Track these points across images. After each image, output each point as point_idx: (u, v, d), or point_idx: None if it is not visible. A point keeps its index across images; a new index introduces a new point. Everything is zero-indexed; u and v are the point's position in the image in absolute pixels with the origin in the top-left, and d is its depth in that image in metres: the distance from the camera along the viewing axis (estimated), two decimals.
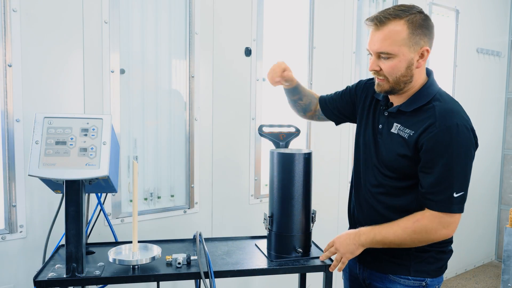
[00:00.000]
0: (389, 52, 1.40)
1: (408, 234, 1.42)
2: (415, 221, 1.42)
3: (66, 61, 1.91)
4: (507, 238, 2.87)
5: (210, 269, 1.46)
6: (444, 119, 1.38)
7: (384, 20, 1.40)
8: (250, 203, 2.59)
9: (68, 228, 1.38)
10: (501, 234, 4.46)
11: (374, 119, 1.59)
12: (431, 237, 1.42)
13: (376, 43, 1.42)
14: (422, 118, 1.43)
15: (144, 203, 2.23)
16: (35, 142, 1.36)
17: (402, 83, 1.45)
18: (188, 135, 2.32)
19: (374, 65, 1.46)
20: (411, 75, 1.44)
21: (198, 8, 2.28)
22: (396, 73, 1.43)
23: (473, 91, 4.04)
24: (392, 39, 1.39)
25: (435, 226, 1.40)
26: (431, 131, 1.38)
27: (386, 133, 1.52)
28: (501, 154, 4.47)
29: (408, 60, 1.42)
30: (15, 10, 1.75)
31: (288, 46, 2.75)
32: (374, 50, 1.43)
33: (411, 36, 1.40)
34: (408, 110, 1.47)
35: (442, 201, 1.39)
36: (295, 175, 1.60)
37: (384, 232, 1.45)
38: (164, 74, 2.25)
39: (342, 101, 1.77)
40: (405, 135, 1.45)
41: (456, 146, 1.37)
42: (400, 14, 1.40)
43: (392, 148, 1.48)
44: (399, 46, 1.40)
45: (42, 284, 1.36)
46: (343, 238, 1.52)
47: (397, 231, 1.43)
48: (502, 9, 4.29)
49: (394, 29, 1.39)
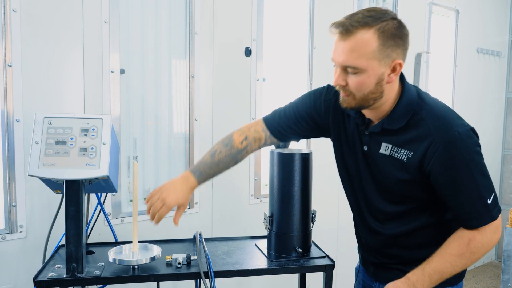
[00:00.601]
0: (356, 66, 1.21)
1: (467, 258, 1.28)
2: (468, 243, 1.28)
3: (66, 61, 1.91)
4: (507, 238, 2.87)
5: (210, 269, 1.46)
6: (443, 132, 1.23)
7: (351, 28, 1.20)
8: (250, 203, 2.59)
9: (68, 228, 1.38)
10: (501, 234, 4.46)
11: (354, 139, 1.40)
12: (489, 248, 1.30)
13: (342, 54, 1.23)
14: (415, 135, 1.27)
15: (144, 203, 2.22)
16: (35, 142, 1.36)
17: (371, 100, 1.27)
18: (188, 135, 2.32)
19: (340, 80, 1.26)
20: (381, 91, 1.26)
21: (198, 8, 2.28)
22: (364, 89, 1.24)
23: (473, 91, 4.04)
24: (360, 51, 1.20)
25: (489, 237, 1.28)
26: (434, 151, 1.23)
27: (376, 154, 1.35)
28: (501, 154, 4.47)
29: (378, 75, 1.23)
30: (15, 10, 1.75)
31: (288, 46, 2.75)
32: (340, 62, 1.24)
33: (382, 48, 1.20)
34: (394, 127, 1.30)
35: (481, 215, 1.26)
36: (295, 175, 1.60)
37: (439, 269, 1.29)
38: (164, 74, 2.25)
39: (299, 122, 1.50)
40: (402, 157, 1.29)
41: (467, 156, 1.23)
42: (369, 21, 1.20)
43: (391, 173, 1.33)
44: (367, 59, 1.20)
45: (42, 284, 1.36)
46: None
47: (454, 261, 1.28)
48: (502, 9, 4.29)
49: (362, 39, 1.19)
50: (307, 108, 1.48)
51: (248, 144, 1.53)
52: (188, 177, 1.46)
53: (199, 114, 2.33)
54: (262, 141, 1.54)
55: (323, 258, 1.62)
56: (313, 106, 1.48)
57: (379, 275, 1.51)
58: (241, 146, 1.52)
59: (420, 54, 3.46)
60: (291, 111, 1.51)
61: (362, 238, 1.54)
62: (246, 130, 1.55)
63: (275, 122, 1.52)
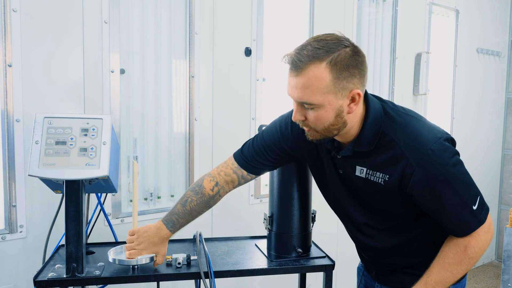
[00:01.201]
0: (311, 102, 1.17)
1: (466, 263, 1.28)
2: (464, 250, 1.27)
3: (66, 61, 1.91)
4: (507, 238, 2.87)
5: (210, 269, 1.46)
6: (415, 152, 1.20)
7: (301, 64, 1.15)
8: (250, 203, 2.59)
9: (68, 228, 1.38)
10: (501, 234, 4.46)
11: (328, 163, 1.38)
12: (485, 249, 1.30)
13: (296, 91, 1.18)
14: (389, 157, 1.24)
15: (144, 203, 2.23)
16: (35, 142, 1.36)
17: (334, 130, 1.23)
18: (188, 135, 2.32)
19: (298, 115, 1.22)
20: (342, 122, 1.22)
21: (198, 8, 2.28)
22: (323, 123, 1.20)
23: (473, 91, 4.04)
24: (313, 88, 1.15)
25: (483, 239, 1.28)
26: (411, 172, 1.21)
27: (352, 176, 1.33)
28: (501, 154, 4.46)
29: (336, 108, 1.18)
30: (15, 10, 1.75)
31: (288, 46, 2.74)
32: (295, 98, 1.20)
33: (336, 81, 1.15)
34: (365, 150, 1.27)
35: (470, 223, 1.26)
36: (295, 175, 1.60)
37: (442, 279, 1.28)
38: (164, 74, 2.25)
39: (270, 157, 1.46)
40: (379, 180, 1.27)
41: (444, 171, 1.21)
42: (320, 55, 1.14)
43: (372, 195, 1.32)
44: (322, 94, 1.15)
45: (42, 284, 1.36)
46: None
47: (454, 269, 1.28)
48: (502, 9, 4.29)
49: (314, 75, 1.14)
50: (275, 140, 1.44)
51: (220, 189, 1.52)
52: (161, 228, 1.49)
53: (199, 114, 2.33)
54: (236, 182, 1.51)
55: (323, 258, 1.62)
56: (281, 138, 1.44)
57: (382, 279, 1.51)
58: (212, 193, 1.51)
59: (420, 54, 3.46)
60: (260, 147, 1.46)
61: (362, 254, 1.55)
62: (216, 175, 1.51)
63: (247, 160, 1.48)
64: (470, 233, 1.27)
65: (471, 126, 4.00)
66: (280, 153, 1.45)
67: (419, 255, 1.40)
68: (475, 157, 4.00)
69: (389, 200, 1.30)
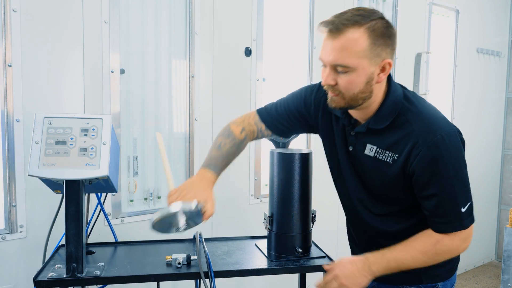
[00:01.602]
0: (347, 65, 1.20)
1: (430, 257, 1.30)
2: (435, 243, 1.29)
3: (66, 61, 1.91)
4: (507, 238, 2.87)
5: (210, 269, 1.46)
6: (427, 135, 1.23)
7: (341, 27, 1.18)
8: (250, 203, 2.59)
9: (68, 228, 1.38)
10: (501, 234, 4.46)
11: (340, 139, 1.41)
12: (453, 254, 1.32)
13: (332, 53, 1.21)
14: (400, 137, 1.27)
15: (144, 203, 2.23)
16: (35, 142, 1.36)
17: (360, 100, 1.26)
18: (188, 135, 2.32)
19: (329, 79, 1.24)
20: (370, 90, 1.25)
21: (198, 8, 2.28)
22: (354, 89, 1.23)
23: (473, 91, 4.04)
24: (350, 50, 1.18)
25: (456, 244, 1.29)
26: (417, 153, 1.23)
27: (361, 156, 1.35)
28: (501, 154, 4.46)
29: (368, 74, 1.22)
30: (15, 10, 1.75)
31: (288, 46, 2.75)
32: (330, 61, 1.22)
33: (372, 47, 1.19)
34: (379, 127, 1.30)
35: (453, 221, 1.27)
36: (295, 175, 1.60)
37: (399, 258, 1.31)
38: (164, 74, 2.25)
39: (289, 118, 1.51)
40: (387, 159, 1.29)
41: (448, 160, 1.23)
42: (359, 20, 1.19)
43: (376, 174, 1.34)
44: (358, 58, 1.19)
45: (42, 284, 1.36)
46: (348, 271, 1.32)
47: (416, 255, 1.29)
48: (502, 9, 4.29)
49: (353, 38, 1.18)
50: (298, 106, 1.49)
51: (246, 135, 1.54)
52: (204, 172, 1.42)
53: (199, 114, 2.33)
54: (255, 134, 1.55)
55: (323, 258, 1.62)
56: (303, 104, 1.48)
57: None
58: (241, 137, 1.53)
59: (420, 54, 3.46)
60: (282, 108, 1.51)
61: (352, 234, 1.56)
62: (241, 122, 1.56)
63: (268, 116, 1.53)
64: (448, 232, 1.28)
65: (471, 126, 4.00)
66: (299, 117, 1.49)
67: None
68: (475, 157, 3.99)
69: (391, 181, 1.31)
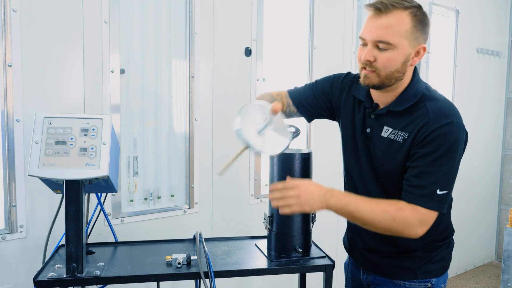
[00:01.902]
0: (390, 41, 1.29)
1: (386, 219, 1.31)
2: (398, 209, 1.31)
3: (66, 61, 1.91)
4: (507, 238, 2.87)
5: (210, 269, 1.46)
6: (438, 118, 1.31)
7: (390, 7, 1.28)
8: (250, 203, 2.59)
9: (68, 228, 1.38)
10: (501, 234, 4.46)
11: (359, 122, 1.48)
12: (405, 231, 1.33)
13: (377, 30, 1.29)
14: (414, 118, 1.35)
15: (144, 203, 2.23)
16: (35, 142, 1.36)
17: (393, 79, 1.34)
18: (188, 135, 2.32)
19: (369, 55, 1.31)
20: (404, 71, 1.34)
21: (198, 8, 2.28)
22: (391, 66, 1.31)
23: (473, 91, 4.04)
24: (395, 28, 1.28)
25: (414, 221, 1.31)
26: (425, 130, 1.31)
27: (377, 137, 1.42)
28: (501, 154, 4.46)
29: (405, 54, 1.31)
30: (15, 10, 1.75)
31: (288, 46, 2.75)
32: (373, 38, 1.30)
33: (413, 30, 1.31)
34: (398, 109, 1.38)
35: (424, 196, 1.31)
36: (295, 175, 1.60)
37: (360, 206, 1.33)
38: (164, 74, 2.25)
39: (315, 99, 1.61)
40: (399, 138, 1.37)
41: (447, 145, 1.30)
42: (405, 4, 1.30)
43: (386, 153, 1.40)
44: (400, 37, 1.29)
45: (42, 284, 1.36)
46: (310, 189, 1.35)
47: (375, 210, 1.32)
48: (502, 9, 4.29)
49: (398, 17, 1.29)
50: (324, 86, 1.59)
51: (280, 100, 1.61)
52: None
53: (199, 114, 2.33)
54: (284, 106, 1.62)
55: (323, 258, 1.62)
56: (330, 85, 1.58)
57: (366, 262, 1.56)
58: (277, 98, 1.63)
59: None
60: (309, 87, 1.63)
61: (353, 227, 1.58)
62: (275, 93, 1.65)
63: (296, 92, 1.64)
64: (415, 203, 1.31)
65: (471, 126, 3.96)
66: (323, 97, 1.59)
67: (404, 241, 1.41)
68: (475, 157, 3.99)
69: (398, 160, 1.37)
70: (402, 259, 1.48)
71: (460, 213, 3.71)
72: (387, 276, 1.52)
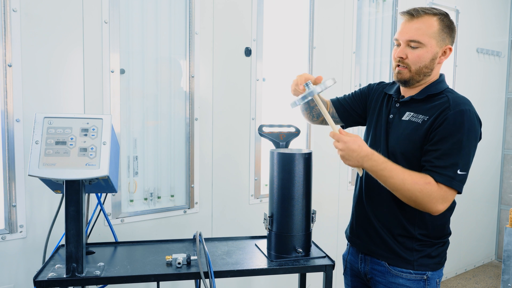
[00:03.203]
0: (420, 40, 1.51)
1: (414, 189, 1.43)
2: (426, 182, 1.43)
3: (66, 61, 1.91)
4: (507, 238, 2.87)
5: (210, 269, 1.46)
6: (458, 105, 1.48)
7: (421, 12, 1.52)
8: (250, 203, 2.59)
9: (68, 228, 1.38)
10: (501, 234, 4.46)
11: (385, 111, 1.66)
12: (428, 205, 1.44)
13: (409, 31, 1.52)
14: (435, 105, 1.52)
15: (144, 203, 2.23)
16: (35, 142, 1.36)
17: (422, 75, 1.55)
18: (188, 135, 2.32)
19: (402, 53, 1.54)
20: (432, 68, 1.55)
21: (198, 8, 2.28)
22: (420, 62, 1.53)
23: (473, 91, 4.04)
24: (424, 30, 1.51)
25: (437, 197, 1.43)
26: (445, 114, 1.46)
27: (398, 121, 1.59)
28: (501, 154, 4.47)
29: (433, 52, 1.53)
30: (15, 10, 1.75)
31: (288, 46, 2.75)
32: (406, 38, 1.53)
33: (441, 32, 1.53)
34: (420, 97, 1.56)
35: (447, 175, 1.43)
36: (295, 175, 1.60)
37: (393, 173, 1.45)
38: (164, 74, 2.25)
39: (354, 101, 1.83)
40: (418, 120, 1.52)
41: (467, 127, 1.45)
42: (433, 11, 1.54)
43: (403, 133, 1.55)
44: (429, 37, 1.51)
45: (42, 284, 1.36)
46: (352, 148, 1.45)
47: (406, 180, 1.44)
48: (502, 9, 4.29)
49: (428, 21, 1.52)
50: (362, 89, 1.84)
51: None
52: None
53: (199, 114, 2.33)
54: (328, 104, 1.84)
55: (323, 258, 1.62)
56: (367, 88, 1.83)
57: (366, 247, 1.64)
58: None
59: None
60: (349, 94, 1.88)
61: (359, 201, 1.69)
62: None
63: (336, 97, 1.89)
64: (439, 181, 1.43)
65: None
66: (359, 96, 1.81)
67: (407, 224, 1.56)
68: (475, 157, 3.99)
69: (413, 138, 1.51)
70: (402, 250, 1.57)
71: (460, 213, 3.70)
72: (384, 260, 1.59)
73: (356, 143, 1.45)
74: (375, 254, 1.62)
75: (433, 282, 1.58)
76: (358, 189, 1.72)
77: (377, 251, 1.61)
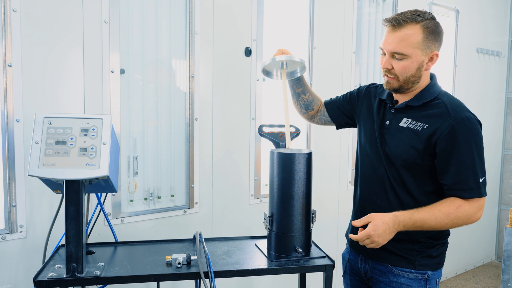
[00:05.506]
0: (403, 53, 1.48)
1: (451, 219, 1.46)
2: (457, 207, 1.46)
3: (66, 61, 1.91)
4: (507, 238, 2.87)
5: (210, 269, 1.46)
6: (457, 113, 1.47)
7: (402, 22, 1.47)
8: (250, 203, 2.59)
9: (68, 228, 1.38)
10: (501, 234, 4.46)
11: (379, 117, 1.64)
12: (469, 221, 1.48)
13: (392, 43, 1.49)
14: (433, 112, 1.51)
15: (144, 203, 2.23)
16: (35, 142, 1.36)
17: (410, 83, 1.53)
18: (188, 135, 2.32)
19: (387, 64, 1.53)
20: (419, 76, 1.53)
21: (198, 8, 2.28)
22: (407, 73, 1.51)
23: (473, 91, 4.04)
24: (407, 41, 1.47)
25: (474, 211, 1.47)
26: (447, 125, 1.46)
27: (395, 127, 1.58)
28: (501, 154, 4.47)
29: (419, 62, 1.50)
30: (15, 10, 1.75)
31: (288, 46, 2.75)
32: (389, 50, 1.50)
33: (425, 41, 1.48)
34: (416, 104, 1.55)
35: (472, 189, 1.46)
36: (295, 175, 1.60)
37: (425, 218, 1.46)
38: (164, 74, 2.25)
39: (344, 102, 1.84)
40: (417, 128, 1.52)
41: (472, 136, 1.46)
42: (416, 18, 1.47)
43: (403, 141, 1.54)
44: (413, 48, 1.48)
45: (42, 284, 1.36)
46: (380, 230, 1.42)
47: (439, 217, 1.45)
48: (502, 9, 4.29)
49: (410, 32, 1.47)
50: (353, 91, 1.84)
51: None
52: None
53: (199, 114, 2.33)
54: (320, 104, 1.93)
55: (323, 258, 1.62)
56: (357, 90, 1.82)
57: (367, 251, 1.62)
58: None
59: None
60: (341, 95, 1.89)
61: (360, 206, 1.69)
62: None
63: (329, 99, 1.92)
64: (468, 198, 1.47)
65: None
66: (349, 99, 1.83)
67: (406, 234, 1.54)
68: None
69: (412, 145, 1.51)
70: (404, 251, 1.58)
71: None
72: (386, 261, 1.60)
73: (379, 225, 1.41)
74: (378, 257, 1.62)
75: (433, 282, 1.59)
76: (359, 194, 1.71)
77: (379, 255, 1.61)
